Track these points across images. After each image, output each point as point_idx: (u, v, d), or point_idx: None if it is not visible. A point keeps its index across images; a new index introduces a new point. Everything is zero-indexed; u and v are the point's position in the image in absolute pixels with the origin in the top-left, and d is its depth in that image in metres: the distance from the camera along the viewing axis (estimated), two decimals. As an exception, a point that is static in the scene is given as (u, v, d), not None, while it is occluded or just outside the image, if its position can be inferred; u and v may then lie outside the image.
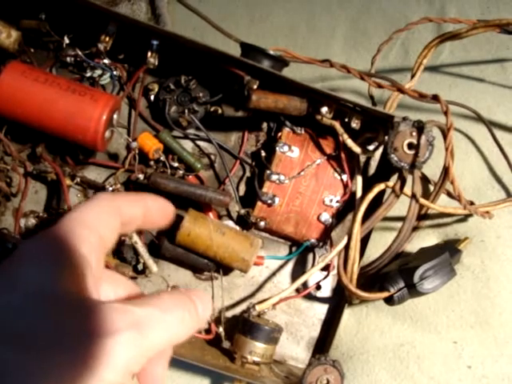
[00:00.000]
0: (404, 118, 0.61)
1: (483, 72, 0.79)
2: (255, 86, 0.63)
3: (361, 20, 0.83)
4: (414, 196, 0.63)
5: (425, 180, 0.73)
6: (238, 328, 0.67)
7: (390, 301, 0.65)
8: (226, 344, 0.69)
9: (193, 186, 0.67)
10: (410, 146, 0.60)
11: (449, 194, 0.72)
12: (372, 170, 0.73)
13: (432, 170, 0.72)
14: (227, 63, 0.63)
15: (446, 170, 0.66)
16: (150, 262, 0.67)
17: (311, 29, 0.83)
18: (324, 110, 0.64)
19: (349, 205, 0.70)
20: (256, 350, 0.65)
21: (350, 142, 0.66)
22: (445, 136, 0.62)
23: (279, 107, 0.64)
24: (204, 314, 0.35)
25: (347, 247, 0.64)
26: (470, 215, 0.73)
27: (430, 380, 0.71)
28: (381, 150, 0.71)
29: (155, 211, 0.41)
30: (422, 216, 0.73)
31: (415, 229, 0.73)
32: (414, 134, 0.60)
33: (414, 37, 0.81)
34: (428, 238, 0.75)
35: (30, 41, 0.69)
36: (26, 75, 0.64)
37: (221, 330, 0.68)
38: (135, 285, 0.38)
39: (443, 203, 0.70)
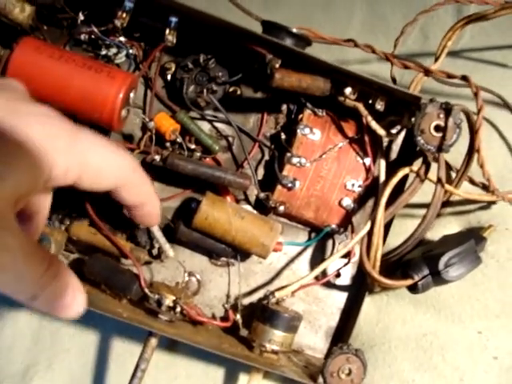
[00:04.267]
0: (431, 100, 0.59)
1: (506, 57, 0.76)
2: (278, 65, 0.61)
3: (378, 3, 0.80)
4: (439, 181, 0.61)
5: (447, 166, 0.71)
6: (256, 315, 0.65)
7: (414, 289, 0.63)
8: (244, 332, 0.67)
9: (211, 168, 0.65)
10: (437, 128, 0.58)
11: (471, 181, 0.70)
12: (394, 154, 0.71)
13: (453, 155, 0.69)
14: (249, 41, 0.61)
15: (470, 155, 0.64)
16: (167, 246, 0.65)
17: (327, 12, 0.80)
18: (348, 90, 0.62)
19: (370, 190, 0.68)
20: (275, 338, 0.63)
21: (374, 125, 0.64)
22: (469, 121, 0.60)
23: (302, 87, 0.61)
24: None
25: (370, 233, 0.62)
26: (493, 202, 0.71)
27: (455, 371, 0.69)
28: (403, 133, 0.70)
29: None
30: (445, 202, 0.71)
31: (437, 216, 0.71)
32: (442, 116, 0.58)
33: (434, 21, 0.78)
34: (449, 226, 0.72)
35: (43, 17, 0.66)
36: (40, 51, 0.61)
37: (238, 317, 0.66)
38: None
39: (464, 190, 0.68)
